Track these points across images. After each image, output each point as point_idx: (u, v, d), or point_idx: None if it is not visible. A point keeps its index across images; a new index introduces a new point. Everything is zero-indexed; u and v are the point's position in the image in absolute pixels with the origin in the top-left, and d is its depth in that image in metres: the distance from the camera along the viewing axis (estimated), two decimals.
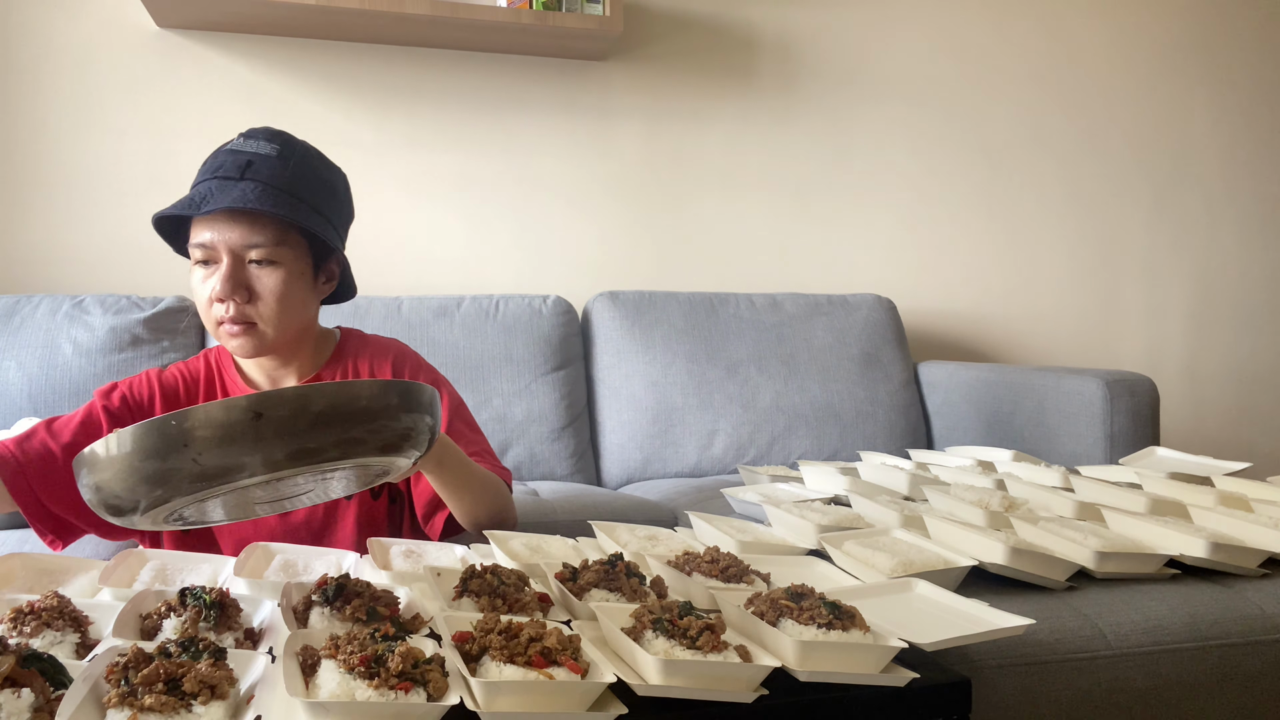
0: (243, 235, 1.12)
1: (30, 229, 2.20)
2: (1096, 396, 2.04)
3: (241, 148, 1.14)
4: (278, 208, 1.11)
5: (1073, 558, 1.10)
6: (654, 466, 2.24)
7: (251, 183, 1.11)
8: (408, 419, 0.76)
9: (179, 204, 1.12)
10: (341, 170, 1.24)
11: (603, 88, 2.56)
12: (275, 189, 1.12)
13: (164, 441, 0.69)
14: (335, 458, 0.73)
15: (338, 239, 1.21)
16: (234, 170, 1.12)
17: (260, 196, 1.10)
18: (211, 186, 1.12)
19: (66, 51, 2.21)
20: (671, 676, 0.69)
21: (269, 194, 1.11)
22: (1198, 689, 1.02)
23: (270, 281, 1.14)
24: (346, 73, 2.38)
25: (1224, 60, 3.12)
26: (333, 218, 1.20)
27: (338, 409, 0.72)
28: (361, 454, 0.75)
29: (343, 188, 1.24)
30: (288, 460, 0.71)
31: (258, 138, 1.16)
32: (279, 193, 1.12)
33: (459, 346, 2.17)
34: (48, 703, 0.63)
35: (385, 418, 0.75)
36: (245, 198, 1.09)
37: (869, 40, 2.77)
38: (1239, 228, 3.15)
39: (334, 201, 1.20)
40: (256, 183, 1.11)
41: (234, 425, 0.69)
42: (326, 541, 1.24)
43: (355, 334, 1.34)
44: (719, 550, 1.01)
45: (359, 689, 0.63)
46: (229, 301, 1.13)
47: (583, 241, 2.56)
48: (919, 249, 2.83)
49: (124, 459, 0.70)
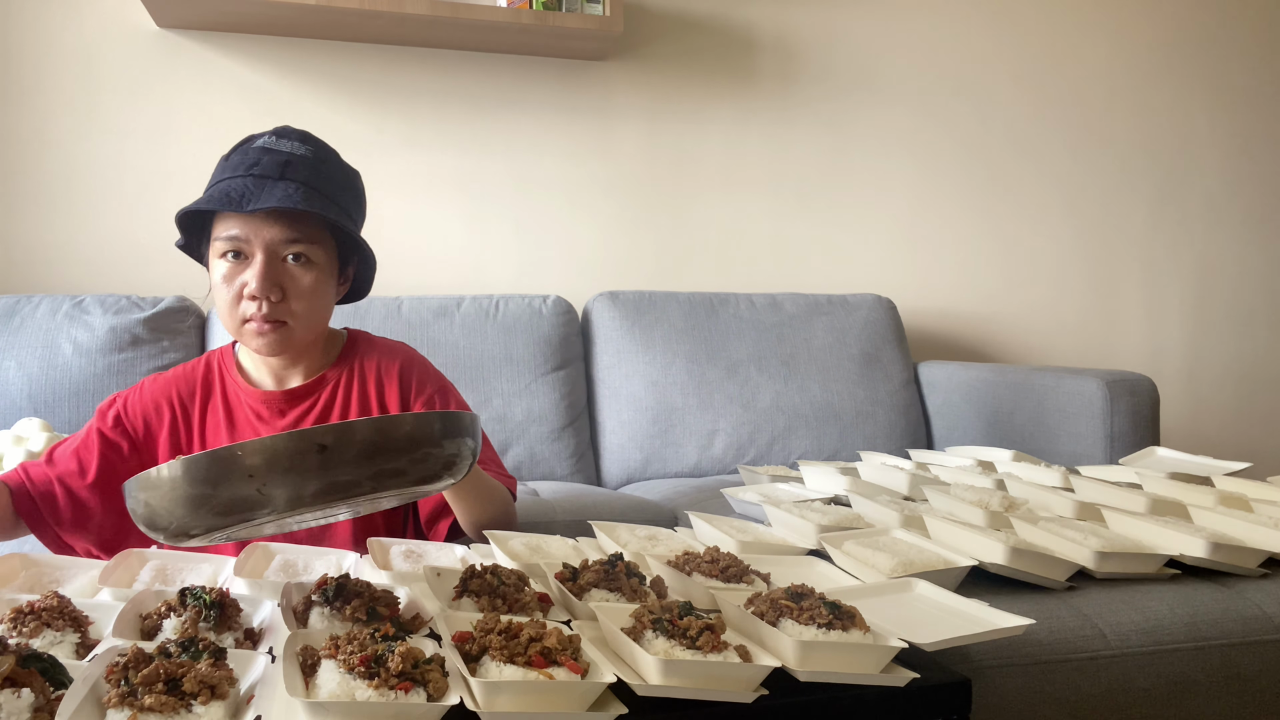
0: (282, 232, 1.14)
1: (30, 229, 2.20)
2: (1096, 396, 2.04)
3: (276, 146, 1.16)
4: (326, 210, 1.14)
5: (1073, 558, 1.10)
6: (654, 466, 2.24)
7: (292, 183, 1.13)
8: (452, 445, 0.79)
9: (214, 199, 1.12)
10: (359, 172, 1.27)
11: (603, 88, 2.56)
12: (314, 190, 1.14)
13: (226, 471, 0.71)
14: (394, 486, 0.75)
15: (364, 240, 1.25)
16: (273, 169, 1.13)
17: (306, 197, 1.12)
18: (249, 183, 1.12)
19: (66, 51, 2.21)
20: (671, 676, 0.69)
21: (311, 195, 1.13)
22: (1198, 689, 1.02)
23: (305, 280, 1.16)
24: (346, 73, 2.38)
25: (1224, 60, 3.12)
26: (358, 218, 1.24)
27: (405, 439, 0.75)
28: (416, 481, 0.77)
29: (361, 189, 1.27)
30: (346, 488, 0.73)
31: (290, 137, 1.17)
32: (317, 194, 1.14)
33: (459, 346, 2.17)
34: (48, 703, 0.63)
35: (433, 446, 0.77)
36: (292, 198, 1.11)
37: (869, 40, 2.77)
38: (1239, 228, 3.15)
39: (357, 203, 1.24)
40: (297, 183, 1.13)
41: (299, 456, 0.71)
42: (325, 542, 1.24)
43: (363, 336, 1.36)
44: (719, 550, 1.01)
45: (359, 689, 0.63)
46: (263, 299, 1.14)
47: (583, 241, 2.56)
48: (919, 249, 2.83)
49: (183, 487, 0.72)
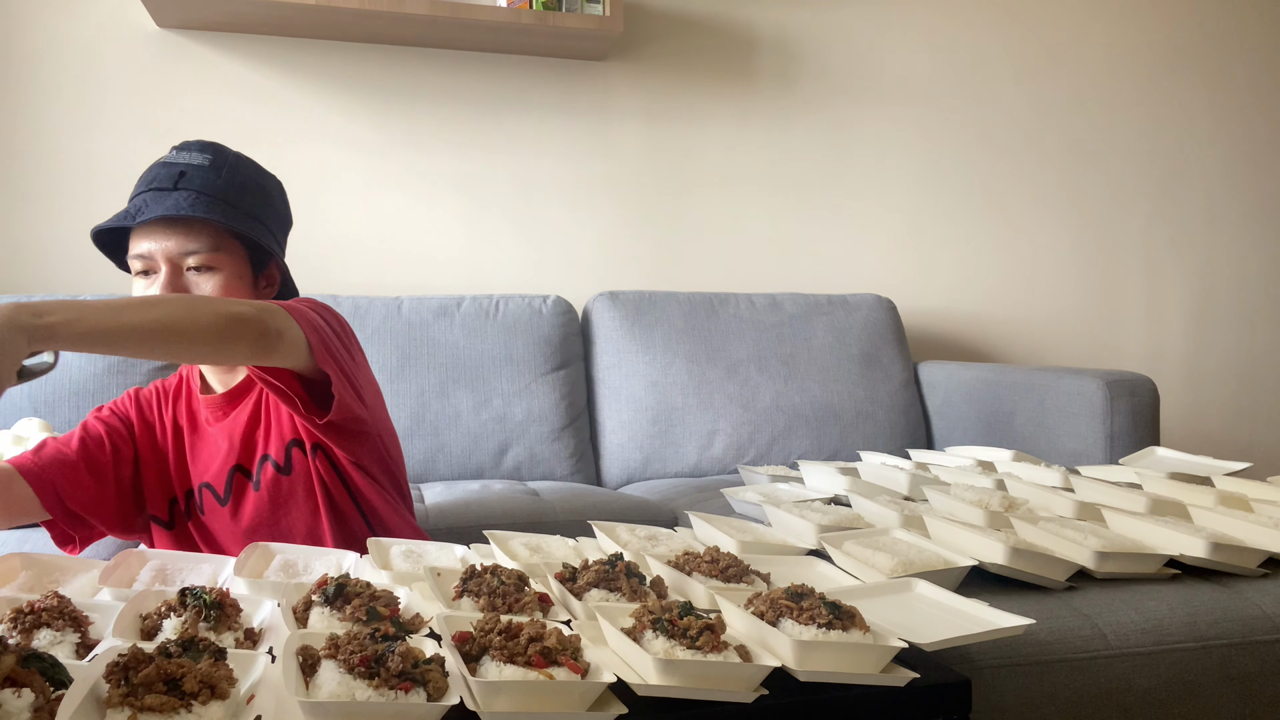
0: (179, 243, 1.15)
1: (30, 229, 2.20)
2: (1096, 396, 2.04)
3: (174, 159, 1.18)
4: (211, 214, 1.14)
5: (1073, 558, 1.10)
6: (654, 466, 2.24)
7: (185, 192, 1.15)
8: None
9: (115, 217, 1.15)
10: (276, 178, 1.28)
11: (603, 88, 2.56)
12: (209, 196, 1.16)
13: None
14: None
15: (275, 243, 1.24)
16: (167, 181, 1.16)
17: (194, 204, 1.14)
18: (146, 199, 1.15)
19: (66, 51, 2.21)
20: (671, 676, 0.69)
21: (202, 201, 1.15)
22: (1198, 689, 1.02)
23: (209, 288, 1.17)
24: (346, 73, 2.38)
25: (1224, 60, 3.12)
26: (269, 223, 1.23)
27: None
28: None
29: (277, 194, 1.27)
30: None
31: (190, 149, 1.20)
32: (212, 200, 1.16)
33: (459, 346, 2.17)
34: (48, 703, 0.63)
35: None
36: (179, 206, 1.13)
37: (869, 40, 2.77)
38: (1239, 227, 3.15)
39: (269, 207, 1.24)
40: (190, 191, 1.15)
41: None
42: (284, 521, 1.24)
43: None
44: (719, 550, 1.01)
45: (359, 689, 0.63)
46: None
47: (583, 241, 2.56)
48: (919, 249, 2.83)
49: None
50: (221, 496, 1.23)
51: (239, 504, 1.23)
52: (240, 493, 1.23)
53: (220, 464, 1.24)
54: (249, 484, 1.23)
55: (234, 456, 1.23)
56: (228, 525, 1.24)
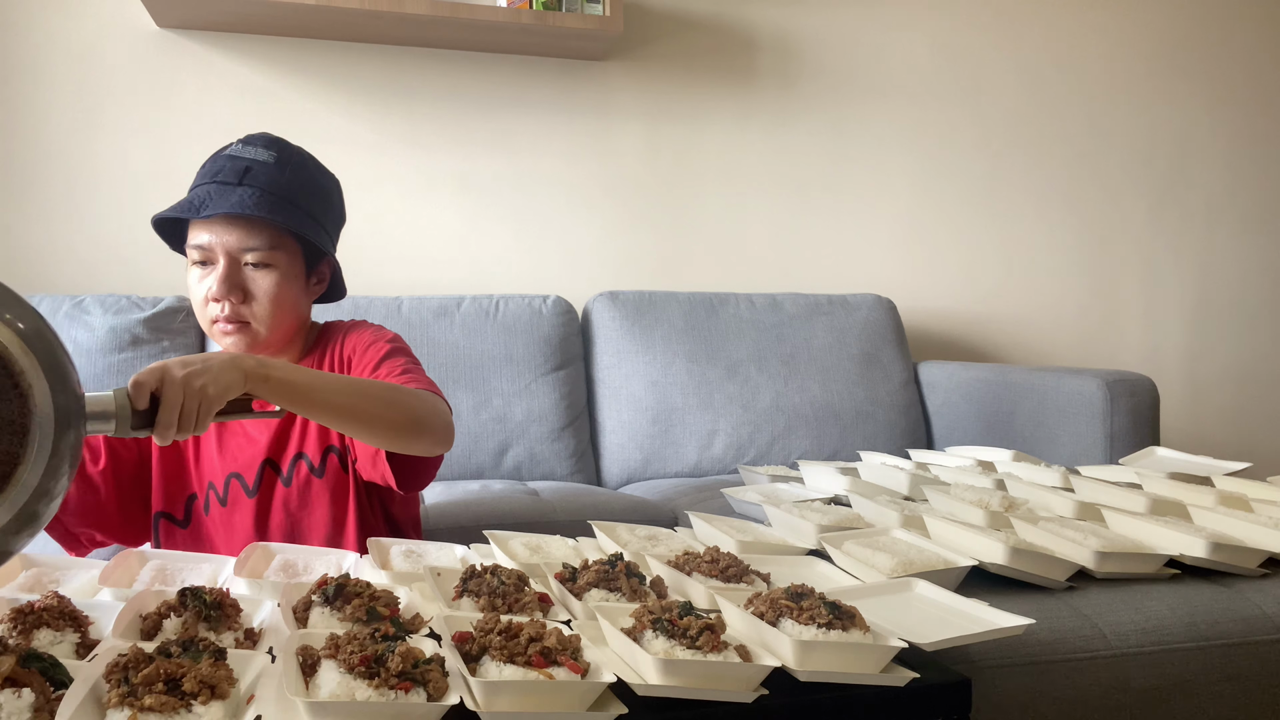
0: (239, 239, 1.17)
1: (30, 229, 2.20)
2: (1096, 396, 2.04)
3: (240, 154, 1.19)
4: (274, 214, 1.16)
5: (1073, 558, 1.10)
6: (654, 466, 2.24)
7: (249, 188, 1.16)
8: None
9: (178, 206, 1.17)
10: (334, 175, 1.29)
11: (603, 88, 2.56)
12: (272, 195, 1.17)
13: None
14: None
15: (329, 243, 1.26)
16: (232, 176, 1.17)
17: (258, 203, 1.15)
18: (210, 190, 1.16)
19: (66, 51, 2.21)
20: (671, 676, 0.69)
21: (266, 200, 1.16)
22: (1198, 689, 1.02)
23: (265, 283, 1.19)
24: (346, 73, 2.38)
25: (1224, 61, 3.12)
26: (325, 222, 1.25)
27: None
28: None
29: (336, 193, 1.28)
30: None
31: (255, 144, 1.21)
32: (275, 199, 1.17)
33: (459, 346, 2.17)
34: (48, 703, 0.63)
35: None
36: (243, 204, 1.14)
37: (869, 40, 2.77)
38: (1239, 228, 3.15)
39: (327, 206, 1.25)
40: (254, 189, 1.16)
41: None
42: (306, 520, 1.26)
43: (332, 324, 1.38)
44: (719, 550, 1.01)
45: (359, 689, 0.63)
46: (224, 301, 1.18)
47: (583, 241, 2.56)
48: (919, 249, 2.83)
49: None
50: (250, 488, 1.24)
51: (267, 497, 1.24)
52: (269, 486, 1.24)
53: (251, 455, 1.25)
54: (278, 479, 1.24)
55: (266, 450, 1.24)
56: (249, 518, 1.24)
